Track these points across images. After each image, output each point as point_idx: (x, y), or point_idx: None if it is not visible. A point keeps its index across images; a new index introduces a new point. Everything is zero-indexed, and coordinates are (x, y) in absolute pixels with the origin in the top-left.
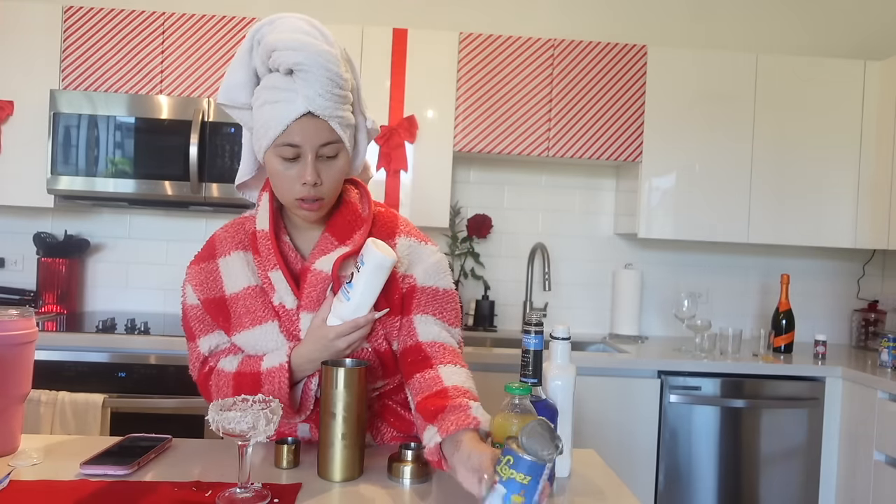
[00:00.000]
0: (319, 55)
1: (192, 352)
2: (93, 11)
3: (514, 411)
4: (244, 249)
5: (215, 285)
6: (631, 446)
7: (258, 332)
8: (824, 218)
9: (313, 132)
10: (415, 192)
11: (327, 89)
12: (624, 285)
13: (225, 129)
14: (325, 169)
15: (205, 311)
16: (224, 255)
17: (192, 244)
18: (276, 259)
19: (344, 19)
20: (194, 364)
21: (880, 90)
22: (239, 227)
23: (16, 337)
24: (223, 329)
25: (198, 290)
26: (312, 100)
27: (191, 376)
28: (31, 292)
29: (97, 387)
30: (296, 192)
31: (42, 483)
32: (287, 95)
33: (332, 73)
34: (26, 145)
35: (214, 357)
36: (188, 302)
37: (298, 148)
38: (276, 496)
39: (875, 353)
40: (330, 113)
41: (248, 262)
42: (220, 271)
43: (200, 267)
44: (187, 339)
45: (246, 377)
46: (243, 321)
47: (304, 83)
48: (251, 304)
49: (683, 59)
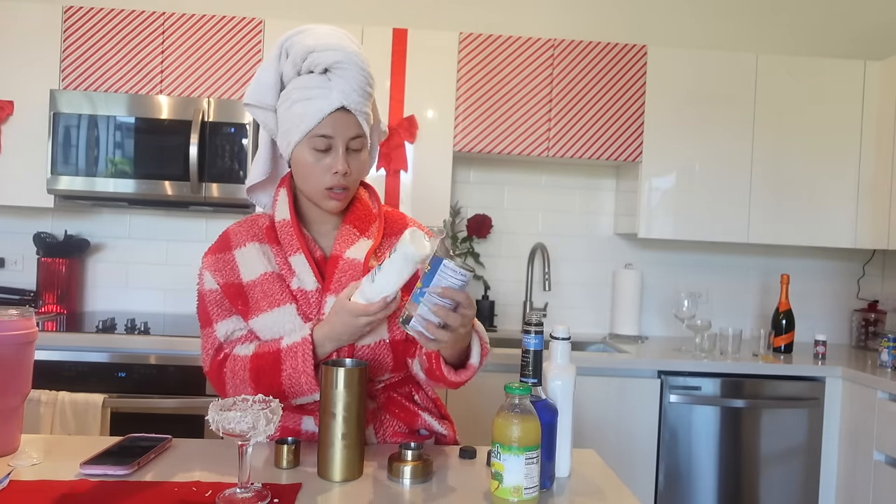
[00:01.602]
0: (355, 55)
1: (207, 338)
2: (93, 11)
3: (514, 411)
4: (259, 241)
5: (233, 273)
6: (631, 446)
7: (276, 314)
8: (824, 218)
9: (345, 125)
10: (415, 192)
11: (360, 86)
12: (624, 285)
13: (225, 129)
14: (352, 161)
15: (224, 294)
16: (239, 246)
17: (192, 244)
18: (298, 243)
19: (344, 19)
20: (208, 352)
21: (880, 90)
22: (252, 222)
23: (16, 337)
24: (241, 314)
25: (216, 275)
26: (347, 95)
27: (190, 380)
28: (31, 292)
29: (97, 387)
30: (326, 182)
31: (42, 483)
32: (321, 92)
33: (365, 73)
34: (26, 145)
35: (230, 345)
36: (206, 287)
37: (331, 139)
38: (276, 496)
39: (875, 353)
40: (360, 108)
41: (265, 251)
42: (236, 261)
43: (216, 256)
44: (202, 327)
45: (264, 357)
46: (261, 305)
47: (340, 80)
48: (269, 288)
49: (683, 60)
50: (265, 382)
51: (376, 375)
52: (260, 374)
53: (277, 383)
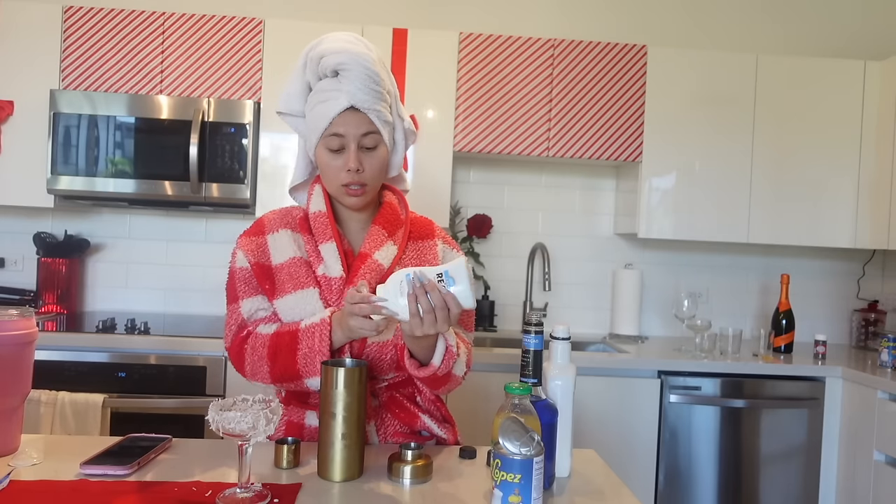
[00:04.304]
0: (358, 55)
1: (232, 314)
2: (93, 11)
3: (514, 411)
4: (292, 229)
5: (264, 255)
6: (631, 446)
7: (299, 297)
8: (824, 218)
9: (355, 123)
10: (415, 192)
11: (366, 84)
12: (624, 285)
13: (225, 129)
14: (366, 158)
15: (253, 273)
16: (272, 231)
17: (192, 244)
18: (331, 232)
19: (344, 19)
20: (231, 327)
21: (880, 90)
22: (286, 213)
23: (16, 337)
24: (267, 294)
25: (249, 255)
26: (353, 94)
27: (190, 380)
28: (31, 292)
29: (97, 387)
30: (342, 179)
31: (42, 483)
32: (333, 94)
33: (370, 71)
34: (26, 145)
35: (253, 323)
36: (238, 265)
37: (343, 138)
38: (276, 496)
39: (875, 353)
40: (369, 105)
41: (295, 239)
42: (268, 245)
43: (250, 239)
44: (228, 303)
45: (283, 336)
46: (286, 286)
47: (347, 81)
48: (295, 271)
49: (683, 60)
50: (281, 360)
51: (380, 374)
52: (277, 352)
53: (293, 361)
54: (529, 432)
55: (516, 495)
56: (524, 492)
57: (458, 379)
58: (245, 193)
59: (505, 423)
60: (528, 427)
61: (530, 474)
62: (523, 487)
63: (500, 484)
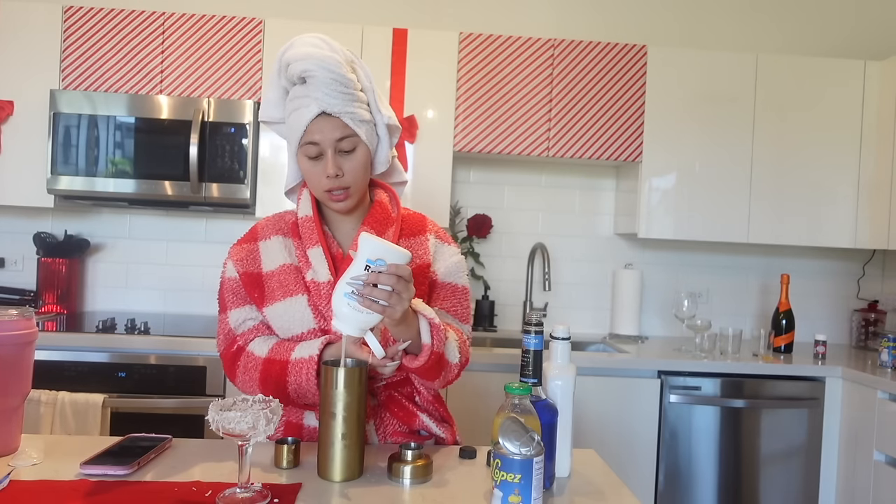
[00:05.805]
0: (322, 60)
1: (222, 324)
2: (93, 11)
3: (514, 411)
4: (284, 235)
5: (254, 263)
6: (631, 446)
7: (288, 304)
8: (824, 218)
9: (329, 129)
10: (415, 192)
11: (333, 89)
12: (624, 285)
13: (225, 129)
14: (345, 162)
15: (241, 283)
16: (265, 238)
17: (192, 244)
18: (318, 237)
19: (344, 19)
20: (221, 339)
21: (880, 90)
22: (279, 218)
23: (16, 337)
24: (256, 303)
25: (238, 264)
26: (322, 100)
27: (190, 380)
28: (31, 292)
29: (97, 387)
30: (323, 185)
31: (42, 483)
32: (304, 101)
33: (336, 75)
34: (26, 145)
35: (243, 336)
36: (227, 275)
37: (319, 146)
38: (276, 496)
39: (875, 353)
40: (340, 109)
41: (287, 245)
42: (259, 252)
43: (242, 247)
44: (219, 312)
45: (275, 364)
46: (276, 294)
47: (314, 87)
48: (285, 278)
49: (683, 59)
50: (272, 387)
51: (379, 374)
52: (268, 379)
53: (284, 390)
54: (529, 432)
55: (516, 495)
56: (524, 492)
57: (454, 368)
58: (245, 193)
59: (505, 423)
60: (528, 427)
61: (530, 474)
62: (523, 487)
63: (500, 484)
